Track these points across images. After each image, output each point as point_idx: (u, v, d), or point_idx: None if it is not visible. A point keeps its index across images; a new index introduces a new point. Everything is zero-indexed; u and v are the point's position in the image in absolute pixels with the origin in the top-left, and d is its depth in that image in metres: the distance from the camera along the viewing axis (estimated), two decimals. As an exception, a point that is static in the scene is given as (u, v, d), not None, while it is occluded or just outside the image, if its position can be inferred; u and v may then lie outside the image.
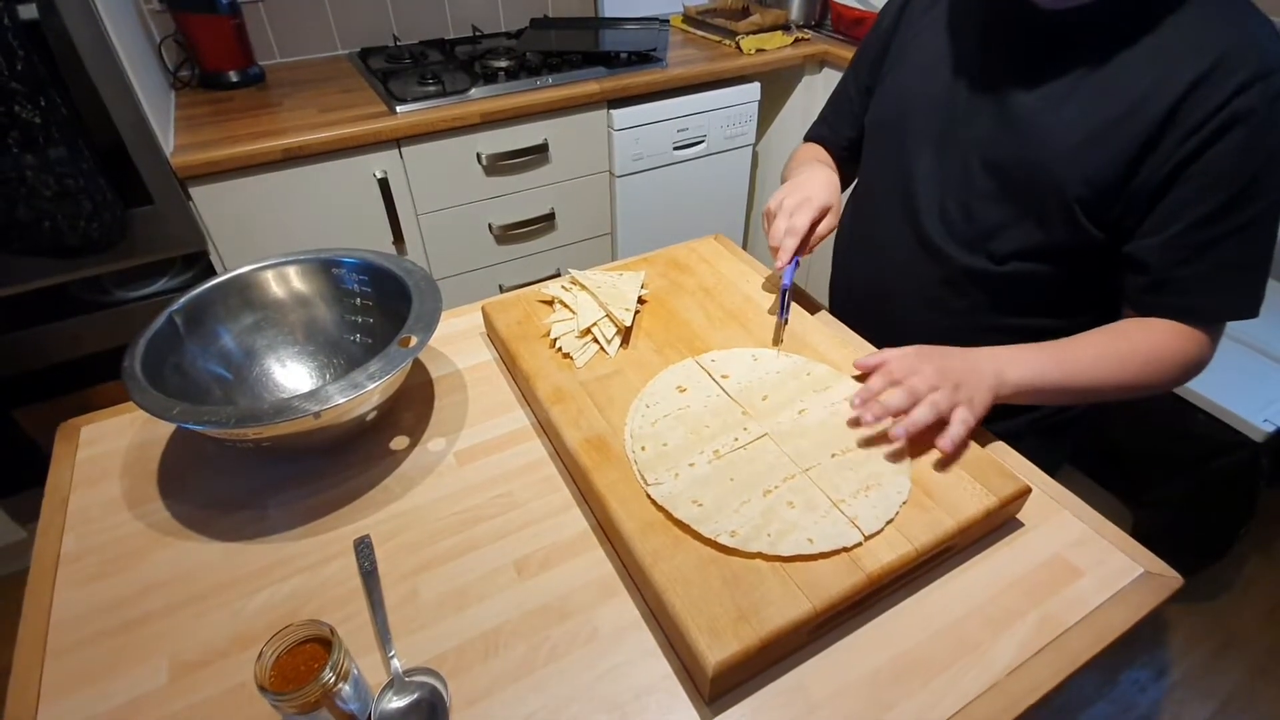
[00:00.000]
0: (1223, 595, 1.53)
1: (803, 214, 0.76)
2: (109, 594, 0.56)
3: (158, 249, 1.25)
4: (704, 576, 0.50)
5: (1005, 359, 0.65)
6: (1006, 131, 0.69)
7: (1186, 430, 1.33)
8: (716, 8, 2.01)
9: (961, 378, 0.62)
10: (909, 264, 0.81)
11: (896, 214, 0.81)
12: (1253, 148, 0.59)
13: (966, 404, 0.61)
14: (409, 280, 0.69)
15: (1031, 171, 0.68)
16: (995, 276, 0.74)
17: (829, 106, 0.96)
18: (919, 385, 0.61)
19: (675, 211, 1.82)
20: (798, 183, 0.81)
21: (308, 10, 1.67)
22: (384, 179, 1.41)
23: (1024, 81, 0.68)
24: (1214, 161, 0.60)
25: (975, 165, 0.72)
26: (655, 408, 0.64)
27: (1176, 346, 0.67)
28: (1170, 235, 0.63)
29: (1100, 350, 0.67)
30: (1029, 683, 0.49)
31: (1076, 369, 0.66)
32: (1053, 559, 0.57)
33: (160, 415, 0.55)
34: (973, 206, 0.74)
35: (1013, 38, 0.70)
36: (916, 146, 0.78)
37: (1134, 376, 0.66)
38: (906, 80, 0.80)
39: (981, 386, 0.62)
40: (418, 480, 0.65)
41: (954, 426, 0.59)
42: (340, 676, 0.43)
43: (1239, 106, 0.58)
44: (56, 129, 1.04)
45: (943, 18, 0.77)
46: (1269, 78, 0.57)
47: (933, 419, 0.59)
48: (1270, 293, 1.69)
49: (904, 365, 0.63)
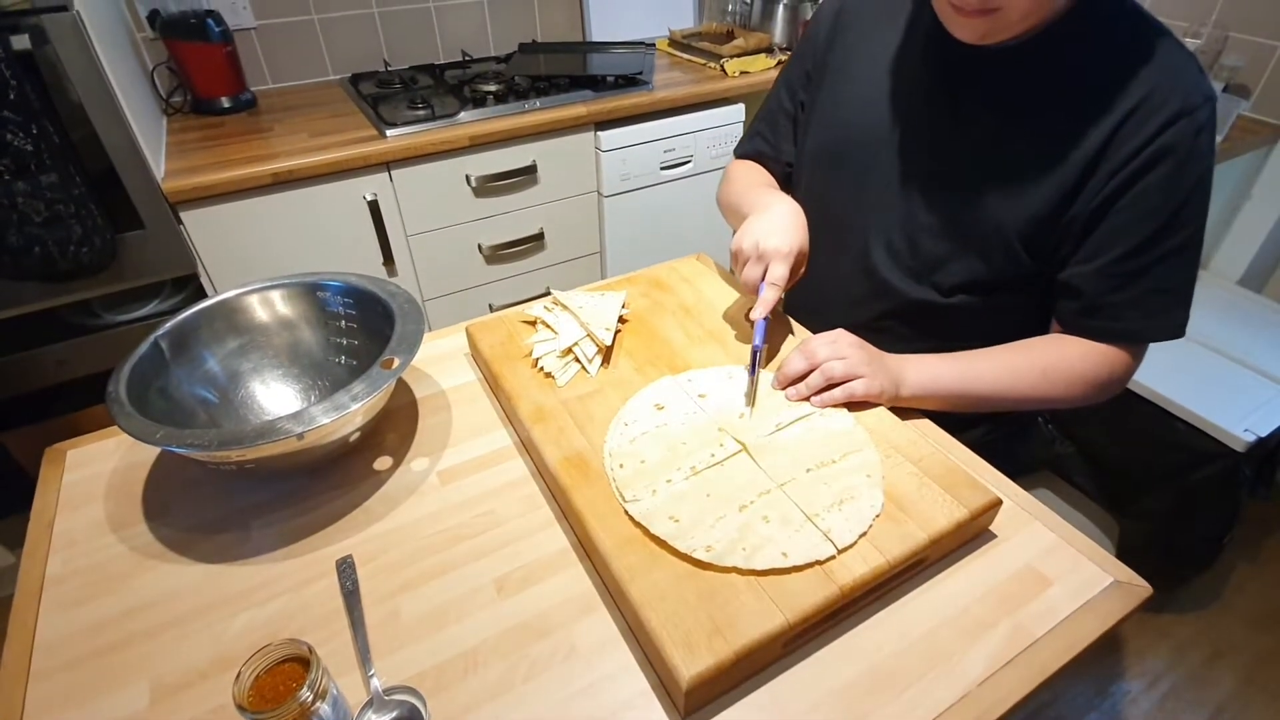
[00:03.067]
0: (1211, 605, 1.54)
1: (781, 263, 0.71)
2: (92, 617, 0.56)
3: (148, 273, 1.26)
4: (680, 591, 0.51)
5: (909, 362, 0.71)
6: (946, 167, 0.72)
7: (1169, 441, 1.35)
8: (702, 32, 2.05)
9: (869, 360, 0.68)
10: (855, 295, 0.83)
11: (842, 246, 0.82)
12: (1178, 179, 0.62)
13: (866, 379, 0.67)
14: (392, 303, 0.70)
15: (972, 208, 0.71)
16: (941, 308, 0.77)
17: (763, 122, 0.93)
18: (821, 353, 0.67)
19: (664, 230, 1.84)
20: (770, 222, 0.73)
21: (300, 37, 1.70)
22: (374, 201, 1.43)
23: (959, 117, 0.71)
24: (1144, 194, 0.63)
25: (918, 199, 0.74)
26: (634, 425, 0.65)
27: (1085, 365, 0.70)
28: (1104, 263, 0.66)
29: (1001, 362, 0.71)
30: (1000, 692, 0.50)
31: (974, 377, 0.71)
32: (1024, 569, 0.58)
33: (144, 439, 0.56)
34: (918, 239, 0.76)
35: (948, 72, 0.71)
36: (859, 179, 0.79)
37: (1033, 387, 0.70)
38: (845, 112, 0.80)
39: (883, 376, 0.68)
40: (400, 500, 0.65)
41: (835, 390, 0.66)
42: (318, 695, 0.43)
43: (1165, 141, 0.61)
44: (48, 156, 1.05)
45: (879, 46, 0.77)
46: (1193, 114, 0.61)
47: (821, 385, 0.67)
48: (1247, 306, 1.73)
49: (818, 340, 0.69)
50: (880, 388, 0.67)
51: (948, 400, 0.71)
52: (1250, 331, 1.52)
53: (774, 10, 1.94)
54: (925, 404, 0.71)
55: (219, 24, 1.49)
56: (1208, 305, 1.60)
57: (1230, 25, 1.57)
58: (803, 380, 0.68)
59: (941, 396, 0.70)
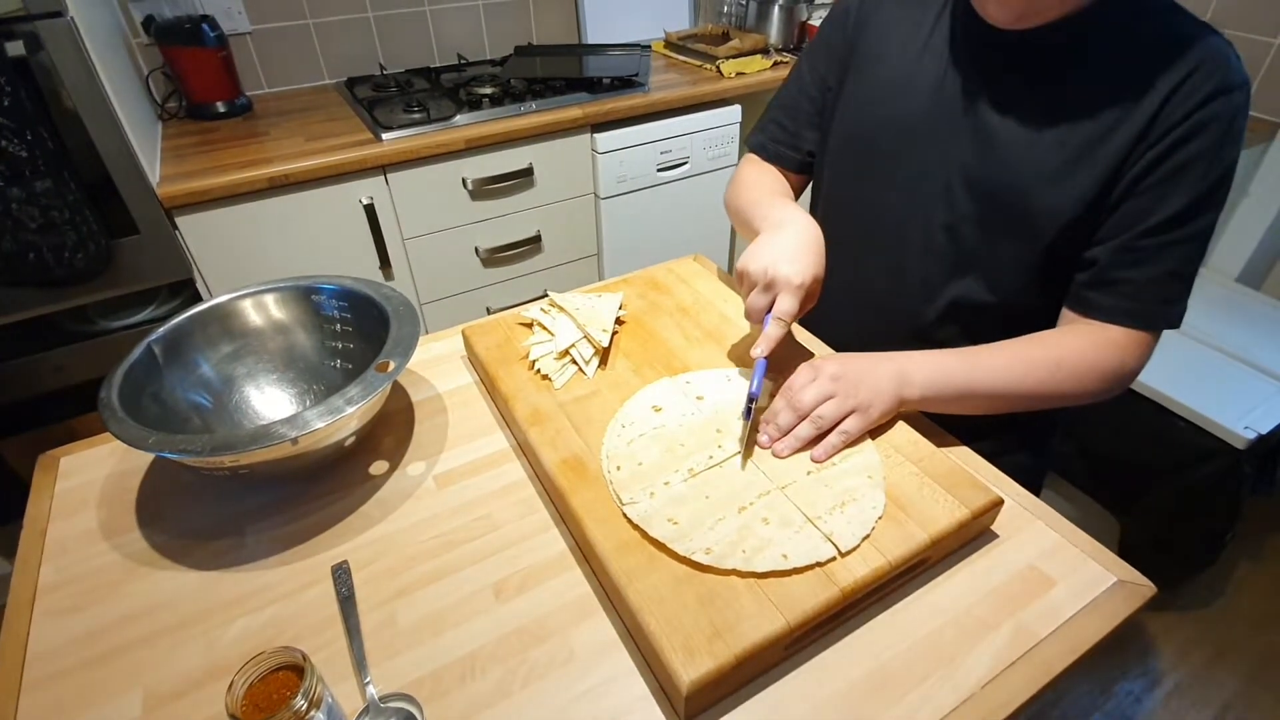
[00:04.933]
0: (1214, 603, 1.53)
1: (791, 296, 0.63)
2: (85, 625, 0.56)
3: (143, 279, 1.25)
4: (679, 594, 0.51)
5: (909, 360, 0.66)
6: (987, 155, 0.69)
7: (1170, 439, 1.35)
8: (697, 33, 2.05)
9: (859, 382, 0.63)
10: (885, 297, 0.79)
11: (871, 243, 0.79)
12: (1215, 156, 0.61)
13: (861, 411, 0.62)
14: (387, 306, 0.70)
15: (1016, 196, 0.68)
16: (983, 306, 0.74)
17: (780, 110, 0.87)
18: (806, 400, 0.62)
19: (661, 232, 1.84)
20: (784, 245, 0.65)
21: (295, 41, 1.70)
22: (370, 205, 1.43)
23: (997, 102, 0.68)
24: (1181, 166, 0.61)
25: (958, 191, 0.71)
26: (631, 427, 0.65)
27: (1097, 354, 0.66)
28: (1129, 237, 0.64)
29: (1011, 354, 0.67)
30: (1004, 694, 0.49)
31: (983, 371, 0.66)
32: (1026, 569, 0.57)
33: (136, 445, 0.55)
34: (960, 230, 0.72)
35: (984, 57, 0.69)
36: (891, 171, 0.75)
37: (1043, 382, 0.66)
38: (877, 100, 0.76)
39: (881, 390, 0.63)
40: (397, 505, 0.65)
41: (832, 436, 0.61)
42: (313, 703, 0.43)
43: (1205, 115, 0.60)
44: (43, 162, 1.05)
45: (909, 28, 0.74)
46: (1231, 94, 0.60)
47: (814, 435, 0.61)
48: (1245, 303, 1.73)
49: (799, 380, 0.65)
50: (881, 412, 0.63)
51: (957, 398, 0.66)
52: (1249, 328, 1.52)
53: (769, 11, 1.94)
54: (933, 405, 0.67)
55: (214, 29, 1.48)
56: (1206, 302, 1.60)
57: (1226, 22, 1.57)
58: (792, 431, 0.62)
59: (951, 394, 0.66)
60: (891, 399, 0.63)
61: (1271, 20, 1.56)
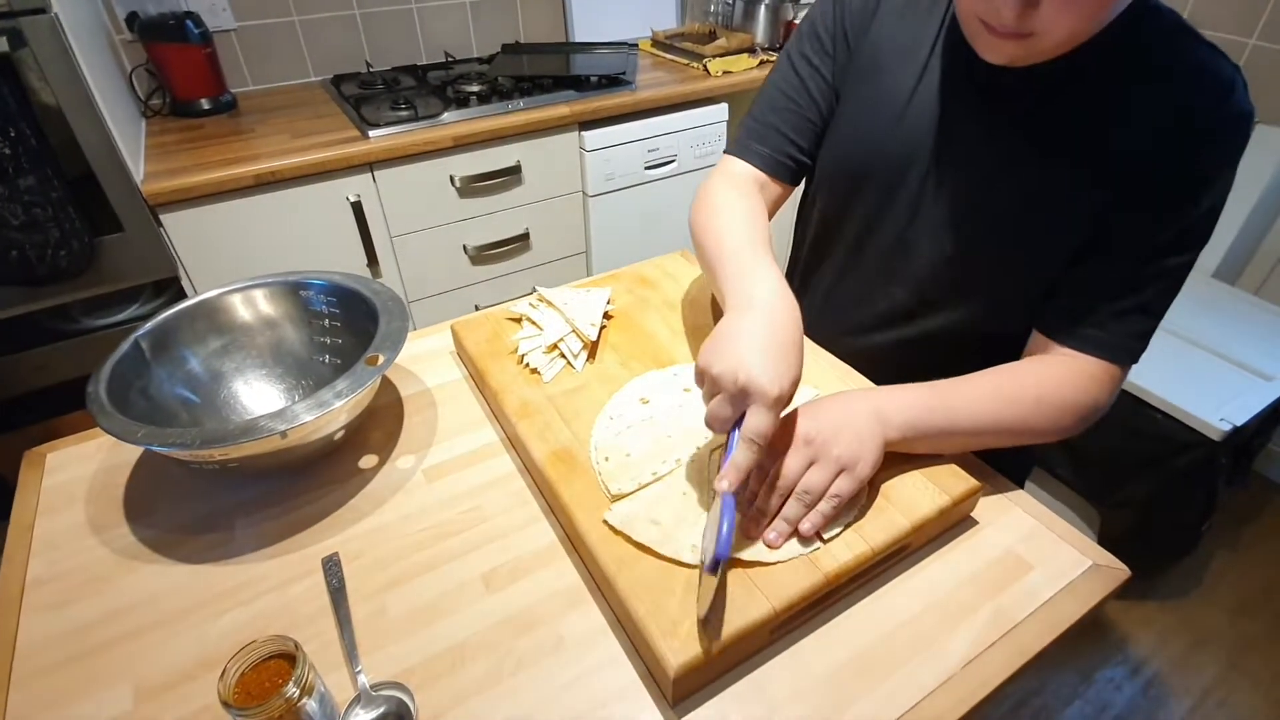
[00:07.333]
0: (1193, 592, 1.56)
1: (766, 412, 0.51)
2: (74, 620, 0.56)
3: (127, 276, 1.24)
4: (667, 582, 0.51)
5: (885, 399, 0.60)
6: (983, 184, 0.67)
7: (1148, 432, 1.37)
8: (684, 32, 2.06)
9: (836, 435, 0.56)
10: (870, 320, 0.78)
11: (858, 264, 0.78)
12: (1208, 189, 0.59)
13: (849, 470, 0.55)
14: (376, 301, 0.70)
15: (1011, 223, 0.67)
16: (974, 332, 0.73)
17: (772, 113, 0.78)
18: (789, 476, 0.55)
19: (649, 229, 1.85)
20: (760, 340, 0.54)
21: (280, 38, 1.69)
22: (357, 203, 1.43)
23: (993, 130, 0.66)
24: (1176, 196, 0.60)
25: (954, 216, 0.69)
26: (619, 419, 0.66)
27: (1074, 390, 0.64)
28: (1117, 266, 0.63)
29: (990, 388, 0.63)
30: (983, 675, 0.50)
31: (962, 406, 0.61)
32: (1005, 555, 0.59)
33: (125, 438, 0.55)
34: (955, 258, 0.70)
35: (982, 85, 0.66)
36: (884, 194, 0.73)
37: (1023, 417, 0.63)
38: (873, 122, 0.72)
39: (863, 436, 0.56)
40: (386, 498, 0.65)
41: (821, 505, 0.54)
42: (305, 691, 0.43)
43: (1205, 146, 0.59)
44: (25, 159, 1.04)
45: (907, 40, 0.70)
46: (1234, 124, 0.59)
47: (805, 512, 0.54)
48: (1222, 299, 1.75)
49: (771, 448, 0.55)
50: (871, 465, 0.56)
51: (937, 436, 0.61)
52: (1226, 323, 1.55)
53: (756, 11, 1.96)
54: (910, 446, 0.60)
55: (198, 25, 1.48)
56: (1184, 297, 1.61)
57: (1203, 22, 1.60)
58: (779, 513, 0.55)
59: (933, 433, 0.60)
60: (876, 446, 0.57)
61: (1248, 20, 1.59)
